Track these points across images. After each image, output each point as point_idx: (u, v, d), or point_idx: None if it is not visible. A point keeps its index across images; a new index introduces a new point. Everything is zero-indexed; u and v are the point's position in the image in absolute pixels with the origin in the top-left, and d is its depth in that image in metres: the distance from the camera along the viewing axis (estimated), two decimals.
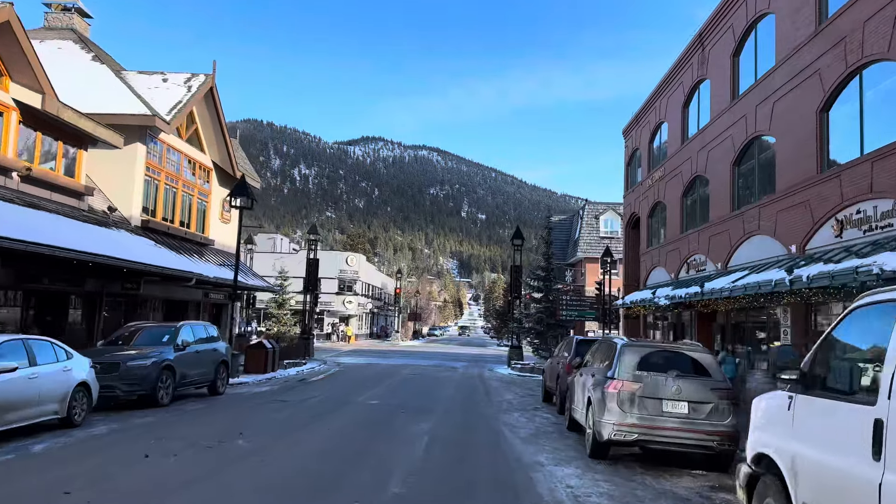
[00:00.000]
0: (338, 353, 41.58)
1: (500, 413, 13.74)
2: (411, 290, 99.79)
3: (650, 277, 27.36)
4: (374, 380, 21.83)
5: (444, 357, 41.15)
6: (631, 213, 31.03)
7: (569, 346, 14.74)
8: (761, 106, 17.30)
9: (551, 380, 15.28)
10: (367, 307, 71.18)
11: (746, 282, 14.92)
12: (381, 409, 13.70)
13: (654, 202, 27.12)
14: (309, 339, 32.77)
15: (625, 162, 32.57)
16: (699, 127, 22.35)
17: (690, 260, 22.37)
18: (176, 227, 24.09)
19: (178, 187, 24.58)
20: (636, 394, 8.40)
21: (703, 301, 18.21)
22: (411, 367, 29.79)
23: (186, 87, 24.16)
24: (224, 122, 26.53)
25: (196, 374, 14.71)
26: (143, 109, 21.17)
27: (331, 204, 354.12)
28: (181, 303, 26.24)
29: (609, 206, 56.88)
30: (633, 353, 8.76)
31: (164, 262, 19.76)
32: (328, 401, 14.86)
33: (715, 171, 20.52)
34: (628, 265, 31.58)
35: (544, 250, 28.94)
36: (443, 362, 34.94)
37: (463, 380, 23.63)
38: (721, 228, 19.71)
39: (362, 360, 33.46)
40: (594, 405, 8.88)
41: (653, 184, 27.16)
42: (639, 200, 29.45)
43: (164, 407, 12.95)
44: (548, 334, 28.02)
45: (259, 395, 16.01)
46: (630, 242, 31.90)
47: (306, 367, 26.36)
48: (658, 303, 20.85)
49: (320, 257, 63.65)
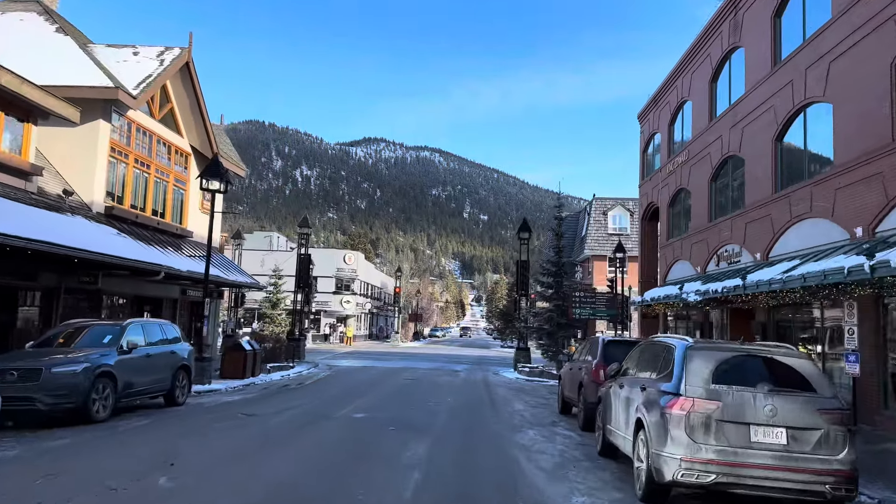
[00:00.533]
0: (333, 354, 39.14)
1: (512, 431, 11.29)
2: (412, 290, 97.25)
3: (671, 272, 24.88)
4: (366, 386, 19.39)
5: (445, 359, 38.69)
6: (648, 203, 28.56)
7: (593, 348, 12.26)
8: (813, 68, 14.84)
9: (571, 389, 12.81)
10: (365, 307, 68.64)
11: (805, 271, 12.46)
12: (367, 425, 11.26)
13: (675, 190, 24.64)
14: (300, 340, 30.36)
15: (640, 149, 30.10)
16: (730, 102, 19.90)
17: (721, 251, 19.90)
18: (147, 216, 21.69)
19: (151, 172, 22.19)
20: (713, 417, 5.96)
21: (743, 296, 15.76)
22: (409, 370, 27.35)
23: (159, 61, 21.76)
24: (203, 103, 24.12)
25: (147, 381, 12.28)
26: (105, 81, 18.76)
27: (332, 205, 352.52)
28: (154, 300, 23.83)
29: (618, 202, 54.45)
30: (704, 358, 6.31)
31: (125, 253, 17.34)
32: (305, 414, 12.42)
33: (752, 149, 18.06)
34: (645, 260, 29.09)
35: (554, 243, 26.45)
36: (444, 365, 32.49)
37: (465, 386, 21.18)
38: (760, 214, 17.24)
39: (357, 363, 31.01)
40: (649, 431, 6.44)
41: (674, 169, 24.69)
42: (657, 189, 26.98)
43: (98, 423, 10.52)
44: (558, 335, 25.53)
45: (226, 406, 13.58)
46: (647, 235, 29.42)
47: (294, 371, 23.94)
48: (687, 299, 18.38)
49: (317, 255, 61.37)
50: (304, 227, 30.91)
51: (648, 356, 7.69)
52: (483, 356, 46.63)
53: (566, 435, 10.98)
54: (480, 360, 39.68)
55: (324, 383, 20.27)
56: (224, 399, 14.83)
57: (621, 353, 11.46)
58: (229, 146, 29.44)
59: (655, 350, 7.56)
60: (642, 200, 29.50)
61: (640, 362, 7.93)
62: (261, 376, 20.53)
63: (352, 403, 14.38)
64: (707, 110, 21.61)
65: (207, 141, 24.62)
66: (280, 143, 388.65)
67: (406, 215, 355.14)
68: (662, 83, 26.60)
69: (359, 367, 28.32)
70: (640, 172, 30.21)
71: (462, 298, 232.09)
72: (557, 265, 25.78)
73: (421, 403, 14.93)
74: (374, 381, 21.68)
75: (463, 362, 36.55)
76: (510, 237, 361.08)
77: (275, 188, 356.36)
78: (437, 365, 32.27)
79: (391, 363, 32.37)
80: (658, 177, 26.93)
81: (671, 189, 25.10)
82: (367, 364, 30.84)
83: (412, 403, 14.90)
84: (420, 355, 42.47)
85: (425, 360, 37.15)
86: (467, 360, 38.91)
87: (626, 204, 54.79)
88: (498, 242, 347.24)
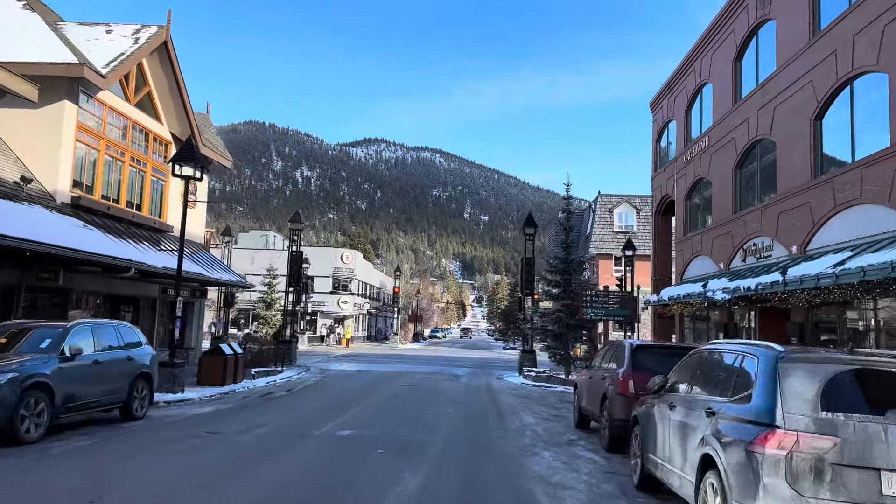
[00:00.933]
0: (328, 357, 37.36)
1: (524, 453, 9.46)
2: (412, 291, 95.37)
3: (689, 269, 23.08)
4: (358, 394, 17.60)
5: (445, 362, 36.91)
6: (661, 196, 26.77)
7: (617, 354, 10.44)
8: (862, 35, 13.06)
9: (591, 401, 11.01)
10: (364, 308, 66.75)
11: (863, 263, 10.68)
12: (352, 447, 9.45)
13: (694, 180, 22.85)
14: (291, 342, 28.57)
15: (653, 138, 28.31)
16: (758, 81, 18.12)
17: (748, 245, 18.11)
18: (120, 208, 19.93)
19: (126, 160, 20.43)
20: (827, 459, 4.15)
21: (780, 294, 13.98)
22: (407, 375, 25.57)
23: (133, 39, 20.01)
24: (184, 87, 22.37)
25: (96, 393, 10.49)
26: (70, 57, 16.99)
27: (333, 206, 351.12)
28: (132, 299, 22.09)
29: (623, 199, 52.72)
30: (807, 373, 4.48)
31: (90, 247, 15.58)
32: (280, 431, 10.62)
33: (785, 131, 16.27)
34: (658, 257, 27.30)
35: (562, 239, 24.61)
36: (444, 368, 30.72)
37: (467, 393, 19.39)
38: (796, 202, 15.45)
39: (352, 367, 29.22)
40: (726, 476, 4.61)
41: (692, 158, 22.91)
42: (672, 181, 25.20)
43: (28, 445, 8.75)
44: (567, 336, 23.70)
45: (192, 420, 11.80)
46: (660, 231, 27.64)
47: (281, 376, 22.15)
48: (714, 297, 16.59)
49: (313, 254, 59.55)
50: (296, 223, 29.11)
51: (711, 368, 5.88)
52: (485, 359, 44.81)
53: (590, 459, 9.18)
54: (483, 363, 37.89)
55: (312, 390, 18.49)
56: (193, 411, 13.04)
57: (654, 362, 9.67)
58: (215, 136, 27.69)
59: (721, 360, 5.74)
60: (655, 194, 27.71)
61: (697, 376, 6.10)
62: (244, 383, 18.75)
63: (338, 417, 12.59)
64: (731, 92, 19.82)
65: (189, 128, 22.83)
66: (280, 144, 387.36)
67: (406, 216, 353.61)
68: (678, 67, 24.81)
69: (353, 372, 26.54)
70: (652, 164, 28.42)
71: (463, 299, 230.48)
72: (566, 262, 23.96)
73: (417, 416, 13.13)
74: (368, 387, 19.89)
75: (464, 365, 34.75)
76: (511, 238, 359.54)
77: (275, 189, 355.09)
78: (436, 368, 30.49)
79: (388, 366, 30.60)
80: (673, 167, 25.14)
81: (688, 180, 23.30)
82: (363, 368, 29.05)
83: (407, 416, 13.10)
84: (419, 358, 40.68)
85: (424, 363, 35.37)
86: (469, 363, 37.11)
87: (632, 201, 53.02)
88: (499, 243, 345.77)
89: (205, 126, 27.05)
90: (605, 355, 11.30)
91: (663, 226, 27.68)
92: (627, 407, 9.20)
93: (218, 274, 23.57)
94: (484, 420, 13.05)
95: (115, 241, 17.83)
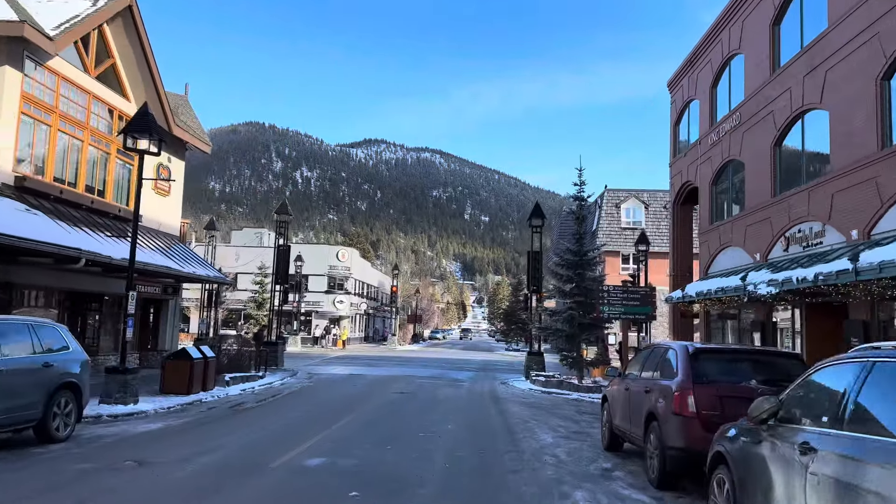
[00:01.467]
0: (321, 360, 35.04)
1: (549, 495, 7.07)
2: (411, 290, 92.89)
3: (716, 262, 20.75)
4: (345, 404, 15.29)
5: (445, 365, 34.59)
6: (682, 184, 24.43)
7: (665, 361, 8.04)
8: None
9: (630, 419, 8.64)
10: (361, 308, 64.26)
11: None
12: (317, 486, 7.05)
13: (721, 163, 20.52)
14: (277, 344, 26.24)
15: (671, 121, 25.98)
16: (802, 45, 15.80)
17: (792, 231, 15.78)
18: (77, 193, 17.63)
19: (85, 139, 18.13)
20: None
21: (843, 286, 11.66)
22: (404, 380, 23.25)
23: (91, 1, 17.70)
24: (153, 60, 20.07)
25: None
26: (8, 14, 14.67)
27: (333, 207, 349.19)
28: (96, 296, 19.85)
29: (631, 193, 50.43)
30: None
31: (26, 233, 13.27)
32: (229, 461, 8.22)
33: (839, 97, 13.95)
34: (678, 250, 24.98)
35: (574, 230, 22.25)
36: (444, 372, 28.41)
37: (470, 401, 17.08)
38: (858, 178, 13.12)
39: (344, 371, 26.89)
40: None
41: (719, 139, 20.59)
42: (695, 166, 22.87)
43: None
44: (580, 337, 21.33)
45: (128, 442, 9.46)
46: (679, 222, 25.31)
47: (262, 382, 19.82)
48: (756, 292, 14.24)
49: (308, 252, 57.01)
50: (283, 215, 26.76)
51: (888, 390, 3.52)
52: (488, 361, 42.45)
53: (638, 502, 6.82)
54: (485, 366, 35.55)
55: (292, 400, 16.16)
56: (138, 429, 10.70)
57: (720, 370, 7.37)
58: (195, 118, 25.36)
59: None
60: (674, 181, 25.37)
61: (859, 409, 3.68)
62: (215, 391, 16.42)
63: (313, 436, 10.25)
64: (768, 60, 17.49)
65: (160, 107, 20.50)
66: (280, 145, 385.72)
67: (407, 217, 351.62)
68: (702, 39, 22.48)
69: (344, 377, 24.21)
70: (670, 149, 26.09)
71: (463, 300, 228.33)
72: (578, 255, 21.60)
73: (409, 436, 10.78)
74: (358, 396, 17.57)
75: (466, 368, 32.43)
76: (512, 238, 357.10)
77: (275, 190, 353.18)
78: (436, 372, 28.17)
79: (384, 370, 28.27)
80: (696, 151, 22.81)
81: (715, 163, 20.98)
82: (356, 371, 26.72)
83: (397, 435, 10.76)
84: (418, 360, 38.33)
85: (423, 365, 33.04)
86: (470, 366, 34.79)
87: (640, 196, 50.76)
88: (499, 244, 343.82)
89: (182, 107, 24.76)
90: (645, 362, 8.95)
91: (683, 216, 25.36)
92: (687, 431, 6.89)
93: (192, 269, 21.24)
94: (492, 440, 10.71)
95: (66, 229, 15.53)
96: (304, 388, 19.49)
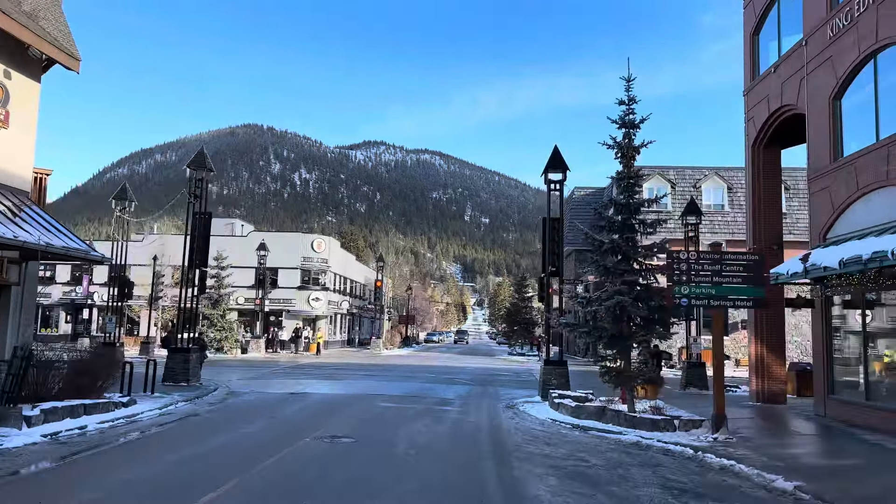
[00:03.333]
0: (274, 369, 27.33)
1: None
2: (404, 287, 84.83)
3: (845, 219, 13.08)
4: (206, 475, 7.60)
5: (434, 375, 26.88)
6: (769, 114, 16.79)
7: None
8: None
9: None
10: (342, 307, 56.17)
11: None
12: None
13: (858, 58, 12.86)
14: (189, 351, 18.55)
15: (747, 32, 18.32)
16: None
17: None
18: None
19: None
20: None
21: None
22: (361, 403, 15.63)
23: None
24: None
25: None
26: None
27: (332, 208, 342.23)
28: None
29: (654, 171, 42.84)
30: None
31: None
32: None
33: None
34: (761, 213, 17.36)
35: (624, 174, 14.32)
36: (428, 388, 20.76)
37: (454, 454, 9.44)
38: None
39: (287, 389, 19.15)
40: None
41: (851, 23, 12.93)
42: (797, 80, 15.23)
43: None
44: (636, 337, 13.33)
45: None
46: (759, 172, 17.67)
47: (113, 415, 12.17)
48: None
49: (277, 240, 48.39)
50: (199, 168, 19.00)
51: None
52: (488, 369, 34.52)
53: None
54: (484, 377, 27.79)
55: (114, 460, 8.51)
56: None
57: None
58: (63, 26, 17.67)
59: None
60: (754, 113, 17.70)
61: None
62: (25, 431, 8.74)
63: None
64: None
65: None
66: (279, 147, 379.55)
67: (406, 218, 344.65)
68: None
69: (278, 399, 16.55)
70: (745, 71, 18.43)
71: (464, 302, 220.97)
72: (628, 210, 13.88)
73: None
74: (256, 446, 9.91)
75: (458, 381, 24.74)
76: (512, 240, 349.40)
77: (273, 192, 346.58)
78: (416, 388, 20.52)
79: (345, 385, 20.63)
80: (800, 57, 15.14)
81: (843, 62, 13.31)
82: (303, 389, 19.03)
83: None
84: (400, 369, 30.55)
85: (404, 377, 25.35)
86: (465, 377, 27.05)
87: (666, 173, 43.26)
88: (500, 245, 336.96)
89: (48, 10, 17.11)
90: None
91: (765, 165, 17.72)
92: None
93: (29, 236, 13.51)
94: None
95: None
96: (175, 425, 11.81)
